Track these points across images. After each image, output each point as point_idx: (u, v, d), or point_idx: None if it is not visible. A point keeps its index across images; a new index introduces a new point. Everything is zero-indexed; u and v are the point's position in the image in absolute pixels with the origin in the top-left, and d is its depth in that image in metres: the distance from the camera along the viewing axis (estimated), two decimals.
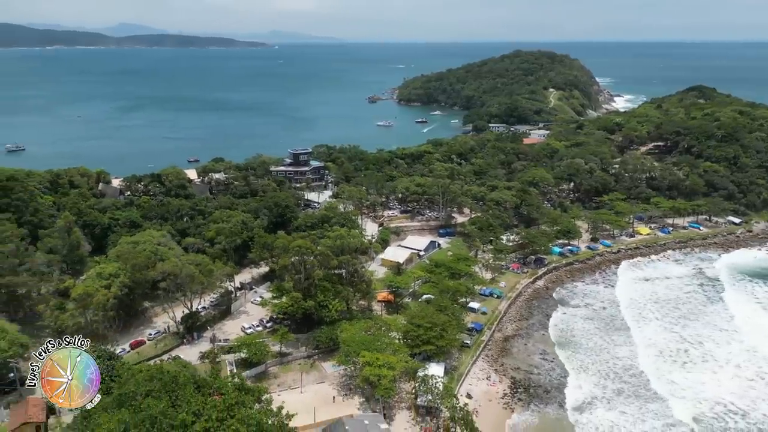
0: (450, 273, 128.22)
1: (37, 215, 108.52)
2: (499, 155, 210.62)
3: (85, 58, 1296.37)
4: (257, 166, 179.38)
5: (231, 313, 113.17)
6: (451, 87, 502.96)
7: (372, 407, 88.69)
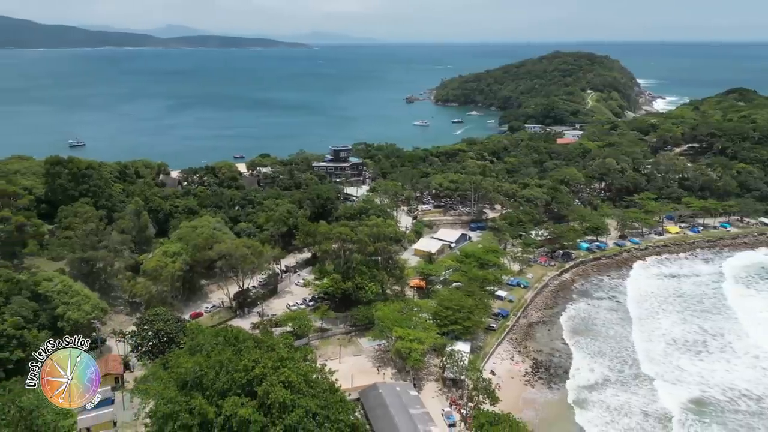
0: (479, 263, 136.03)
1: (111, 200, 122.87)
2: (531, 154, 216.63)
3: (134, 59, 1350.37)
4: (300, 161, 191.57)
5: (277, 292, 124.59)
6: (489, 88, 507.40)
7: (403, 378, 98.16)
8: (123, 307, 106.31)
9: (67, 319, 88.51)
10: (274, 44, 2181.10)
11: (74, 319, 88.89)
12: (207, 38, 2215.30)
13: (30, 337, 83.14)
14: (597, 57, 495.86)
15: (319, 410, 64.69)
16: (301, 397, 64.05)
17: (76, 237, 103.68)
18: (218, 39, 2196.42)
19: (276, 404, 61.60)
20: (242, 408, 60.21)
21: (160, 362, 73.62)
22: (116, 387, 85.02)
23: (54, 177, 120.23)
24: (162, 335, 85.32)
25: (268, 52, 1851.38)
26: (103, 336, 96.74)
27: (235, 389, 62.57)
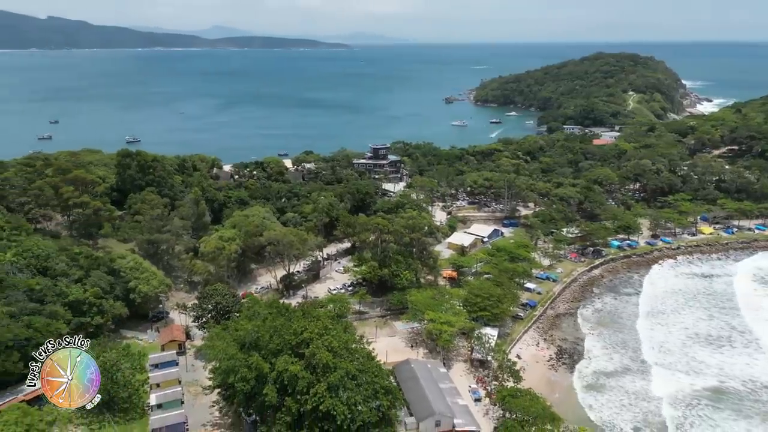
0: (510, 257, 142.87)
1: (173, 190, 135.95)
2: (567, 154, 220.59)
3: (182, 59, 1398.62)
4: (341, 158, 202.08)
5: (319, 277, 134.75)
6: (528, 89, 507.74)
7: (434, 357, 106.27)
8: (183, 285, 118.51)
9: (138, 291, 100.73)
10: (315, 45, 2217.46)
11: (144, 292, 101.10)
12: (252, 39, 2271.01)
13: (107, 306, 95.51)
14: (641, 58, 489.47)
15: (357, 373, 73.86)
16: (342, 360, 73.40)
17: (144, 221, 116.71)
18: (262, 39, 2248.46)
19: (320, 365, 71.13)
20: (292, 365, 70.08)
21: (221, 327, 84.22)
22: (180, 352, 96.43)
23: (125, 168, 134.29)
24: (220, 308, 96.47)
25: (311, 52, 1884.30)
26: (167, 309, 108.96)
27: (286, 350, 72.53)
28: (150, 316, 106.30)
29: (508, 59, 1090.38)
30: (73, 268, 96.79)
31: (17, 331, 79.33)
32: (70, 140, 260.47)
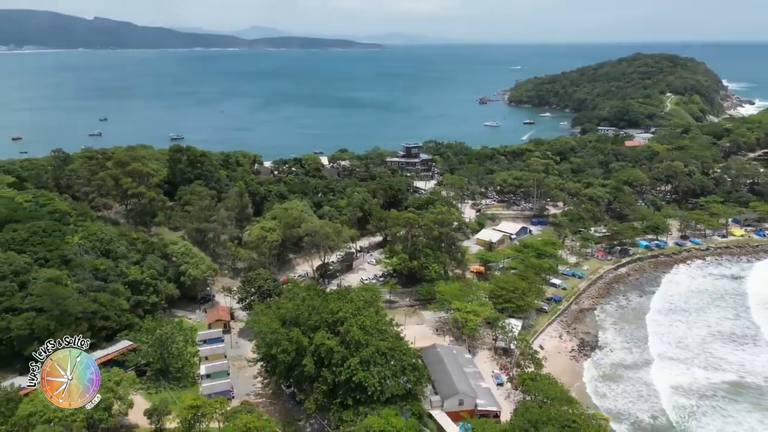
0: (537, 253, 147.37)
1: (218, 183, 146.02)
2: (598, 155, 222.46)
3: (222, 59, 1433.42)
4: (375, 156, 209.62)
5: (353, 268, 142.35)
6: (564, 90, 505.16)
7: (459, 345, 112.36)
8: (227, 271, 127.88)
9: (188, 275, 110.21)
10: (351, 45, 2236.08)
11: (193, 276, 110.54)
12: (289, 39, 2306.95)
13: (161, 286, 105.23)
14: (680, 59, 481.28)
15: (387, 350, 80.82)
16: (373, 338, 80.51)
17: (193, 211, 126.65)
18: (299, 40, 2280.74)
19: (353, 341, 78.43)
20: (328, 340, 77.63)
21: (265, 305, 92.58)
22: (225, 331, 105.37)
23: (176, 162, 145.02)
24: (262, 291, 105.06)
25: (347, 53, 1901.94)
26: (213, 293, 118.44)
27: (323, 327, 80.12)
28: (198, 298, 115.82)
29: (545, 60, 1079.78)
30: (131, 252, 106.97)
31: (85, 304, 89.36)
32: (118, 137, 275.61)
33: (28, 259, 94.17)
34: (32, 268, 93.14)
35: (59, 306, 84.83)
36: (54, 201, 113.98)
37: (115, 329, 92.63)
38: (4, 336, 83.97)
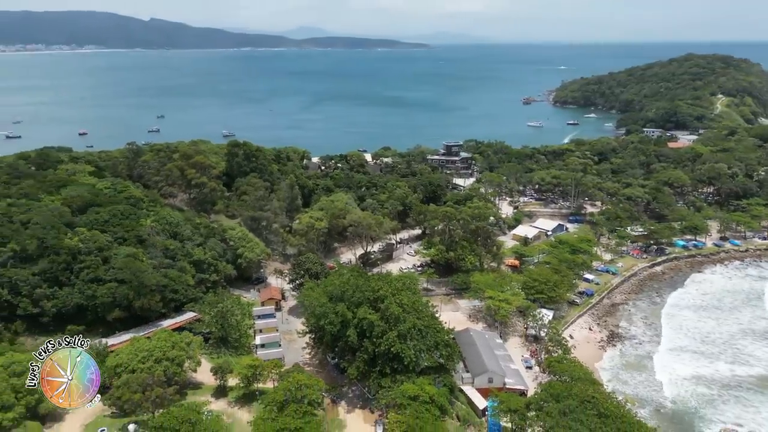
0: (571, 249, 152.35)
1: (271, 176, 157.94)
2: (639, 156, 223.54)
3: (270, 59, 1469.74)
4: (416, 154, 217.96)
5: (392, 258, 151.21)
6: (610, 90, 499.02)
7: (492, 331, 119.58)
8: (278, 256, 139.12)
9: (245, 257, 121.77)
10: (397, 45, 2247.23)
11: (249, 258, 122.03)
12: (335, 39, 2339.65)
13: (221, 267, 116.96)
14: (733, 60, 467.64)
15: (423, 327, 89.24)
16: (410, 315, 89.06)
17: (249, 201, 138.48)
18: (345, 40, 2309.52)
19: (392, 316, 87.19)
20: (370, 315, 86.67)
21: (314, 283, 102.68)
22: (276, 308, 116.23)
23: (233, 156, 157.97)
24: (311, 273, 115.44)
25: (392, 52, 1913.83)
26: (266, 275, 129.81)
27: (365, 303, 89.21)
28: (252, 279, 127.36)
29: (592, 60, 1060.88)
30: (195, 235, 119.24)
31: (158, 278, 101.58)
32: (175, 133, 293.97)
33: (109, 238, 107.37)
34: (113, 245, 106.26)
35: (137, 278, 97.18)
36: (129, 188, 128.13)
37: (182, 301, 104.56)
38: (91, 303, 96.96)
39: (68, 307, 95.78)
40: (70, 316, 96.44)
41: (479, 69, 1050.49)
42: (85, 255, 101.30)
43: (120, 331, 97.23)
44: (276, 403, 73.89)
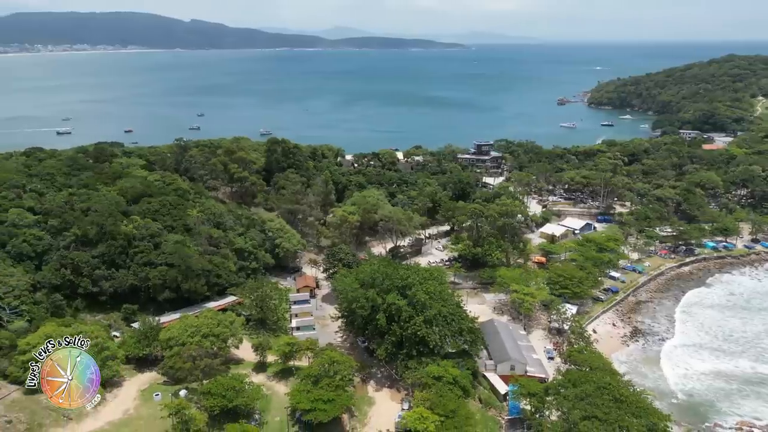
0: (598, 248, 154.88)
1: (307, 172, 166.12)
2: (671, 157, 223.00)
3: (307, 59, 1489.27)
4: (447, 153, 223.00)
5: (421, 253, 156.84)
6: (647, 91, 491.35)
7: (516, 323, 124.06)
8: (312, 247, 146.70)
9: (282, 247, 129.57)
10: (431, 45, 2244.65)
11: (286, 248, 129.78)
12: (370, 39, 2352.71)
13: (260, 255, 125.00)
14: None
15: (448, 314, 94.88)
16: (436, 303, 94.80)
17: (286, 195, 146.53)
18: (380, 40, 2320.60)
19: (419, 303, 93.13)
20: (398, 301, 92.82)
21: (346, 270, 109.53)
22: (311, 296, 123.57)
23: (272, 152, 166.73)
24: (344, 262, 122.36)
25: (427, 52, 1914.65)
26: (301, 264, 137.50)
27: (394, 289, 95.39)
28: (289, 268, 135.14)
29: (630, 59, 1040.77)
30: (237, 225, 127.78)
31: (203, 263, 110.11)
32: (214, 130, 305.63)
33: (160, 226, 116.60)
34: (163, 232, 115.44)
35: (185, 263, 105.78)
36: (177, 181, 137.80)
37: (225, 286, 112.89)
38: (144, 284, 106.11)
39: (123, 288, 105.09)
40: (124, 296, 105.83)
41: (514, 69, 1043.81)
42: (139, 241, 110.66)
43: (169, 311, 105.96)
44: (311, 377, 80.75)
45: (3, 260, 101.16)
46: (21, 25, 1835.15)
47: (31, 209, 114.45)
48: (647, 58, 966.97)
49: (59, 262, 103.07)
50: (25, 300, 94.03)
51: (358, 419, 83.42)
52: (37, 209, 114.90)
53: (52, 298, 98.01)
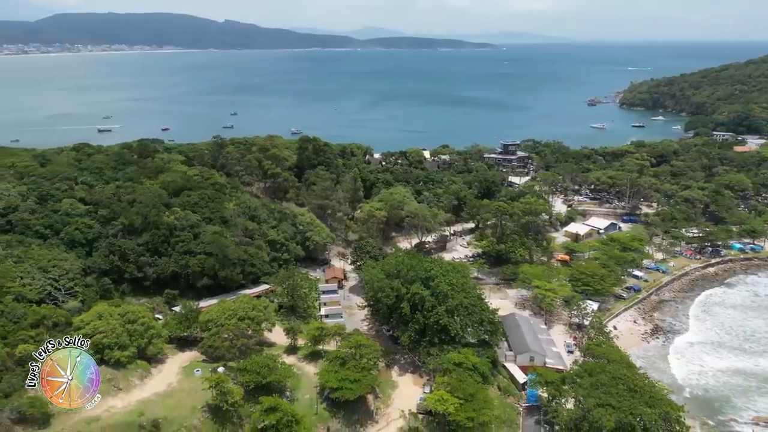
0: (622, 247, 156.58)
1: (336, 170, 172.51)
2: (701, 159, 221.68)
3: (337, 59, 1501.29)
4: (474, 152, 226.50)
5: (446, 249, 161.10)
6: (681, 92, 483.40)
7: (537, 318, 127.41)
8: (341, 241, 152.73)
9: (312, 240, 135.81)
10: (462, 45, 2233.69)
11: (316, 241, 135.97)
12: (399, 39, 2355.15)
13: (292, 247, 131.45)
14: None
15: (469, 305, 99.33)
16: (458, 294, 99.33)
17: (317, 191, 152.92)
18: (409, 40, 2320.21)
19: (442, 293, 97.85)
20: (421, 291, 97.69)
21: (373, 262, 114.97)
22: (339, 286, 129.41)
23: (304, 150, 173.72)
24: (371, 256, 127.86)
25: (457, 52, 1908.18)
26: (330, 257, 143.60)
27: (418, 280, 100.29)
28: (318, 260, 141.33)
29: (665, 60, 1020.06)
30: (270, 218, 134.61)
31: (239, 253, 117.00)
32: (247, 129, 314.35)
33: (199, 217, 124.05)
34: (201, 223, 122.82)
35: (222, 252, 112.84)
36: (214, 176, 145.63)
37: (258, 275, 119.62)
38: (184, 271, 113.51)
39: (165, 274, 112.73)
40: (166, 282, 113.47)
41: (545, 69, 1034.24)
42: (180, 231, 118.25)
43: (206, 297, 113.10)
44: (338, 359, 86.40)
45: (57, 246, 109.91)
46: (62, 26, 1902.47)
47: (82, 200, 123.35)
48: (683, 59, 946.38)
49: (108, 249, 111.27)
50: (77, 283, 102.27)
51: (382, 400, 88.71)
52: (88, 200, 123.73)
53: (101, 282, 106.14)
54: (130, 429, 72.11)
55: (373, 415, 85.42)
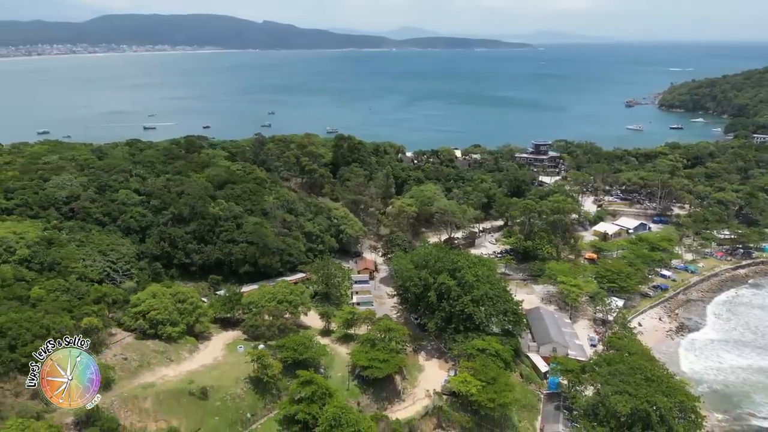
0: (650, 247, 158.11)
1: (370, 167, 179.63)
2: (737, 161, 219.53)
3: (373, 60, 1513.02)
4: (505, 152, 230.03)
5: (474, 245, 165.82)
6: (723, 94, 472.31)
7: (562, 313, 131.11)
8: (372, 235, 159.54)
9: (345, 233, 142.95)
10: (498, 45, 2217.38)
11: (349, 234, 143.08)
12: (435, 40, 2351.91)
13: (326, 239, 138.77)
14: None
15: (494, 296, 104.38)
16: (483, 285, 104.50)
17: (351, 186, 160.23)
18: (446, 40, 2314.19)
19: (467, 284, 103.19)
20: (448, 281, 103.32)
21: (402, 253, 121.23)
22: (370, 277, 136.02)
23: (339, 148, 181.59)
24: (401, 248, 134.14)
25: (493, 53, 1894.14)
26: (362, 249, 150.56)
27: (444, 271, 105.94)
28: (351, 252, 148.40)
29: (709, 60, 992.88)
30: (307, 212, 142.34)
31: (278, 243, 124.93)
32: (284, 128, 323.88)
33: (241, 209, 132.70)
34: (243, 215, 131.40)
35: (262, 241, 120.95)
36: (255, 171, 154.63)
37: (295, 263, 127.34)
38: (227, 258, 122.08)
39: (210, 261, 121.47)
40: (211, 268, 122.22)
41: (583, 69, 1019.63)
42: (224, 221, 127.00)
43: (247, 282, 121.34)
44: (369, 341, 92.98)
45: (114, 232, 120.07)
46: (108, 26, 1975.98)
47: (136, 191, 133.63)
48: (728, 59, 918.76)
49: (159, 236, 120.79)
50: (132, 266, 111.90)
51: (409, 381, 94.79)
52: (141, 191, 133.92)
53: (153, 266, 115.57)
54: (181, 394, 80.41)
55: (400, 394, 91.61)
